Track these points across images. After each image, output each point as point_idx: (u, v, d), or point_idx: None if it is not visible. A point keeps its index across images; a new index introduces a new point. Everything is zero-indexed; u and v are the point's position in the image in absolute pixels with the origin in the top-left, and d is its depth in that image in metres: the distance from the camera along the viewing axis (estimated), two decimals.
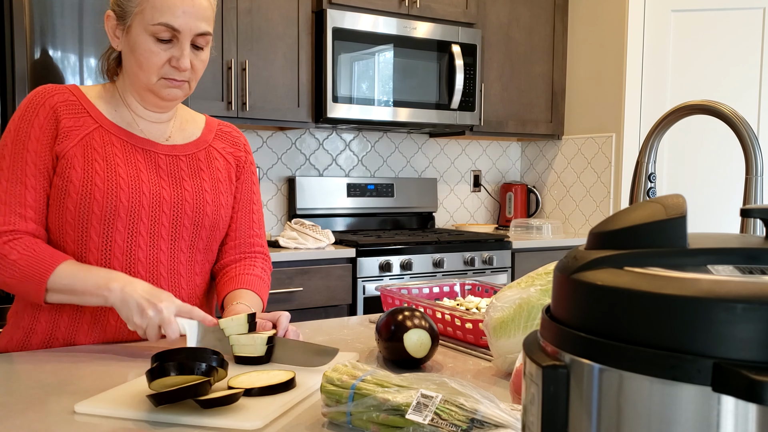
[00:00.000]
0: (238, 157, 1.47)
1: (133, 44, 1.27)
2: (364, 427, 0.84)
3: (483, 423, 0.76)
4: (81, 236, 1.27)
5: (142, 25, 1.25)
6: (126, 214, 1.28)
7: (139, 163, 1.32)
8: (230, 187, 1.44)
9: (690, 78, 3.45)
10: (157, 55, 1.26)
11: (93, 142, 1.29)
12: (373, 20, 3.14)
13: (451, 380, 0.83)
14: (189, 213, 1.34)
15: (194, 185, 1.36)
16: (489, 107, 3.60)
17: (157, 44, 1.26)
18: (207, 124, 1.47)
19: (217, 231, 1.41)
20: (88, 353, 1.23)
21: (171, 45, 1.27)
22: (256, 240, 1.49)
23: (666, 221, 0.45)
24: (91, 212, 1.26)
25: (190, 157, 1.39)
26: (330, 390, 0.87)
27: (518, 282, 1.12)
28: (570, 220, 3.89)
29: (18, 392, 1.01)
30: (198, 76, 1.34)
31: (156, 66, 1.27)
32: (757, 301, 0.38)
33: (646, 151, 1.20)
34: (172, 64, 1.27)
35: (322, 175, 3.53)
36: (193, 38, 1.28)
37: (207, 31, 1.29)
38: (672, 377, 0.39)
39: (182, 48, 1.27)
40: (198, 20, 1.27)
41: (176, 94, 1.32)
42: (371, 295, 2.96)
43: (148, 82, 1.29)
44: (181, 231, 1.34)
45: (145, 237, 1.31)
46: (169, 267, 1.34)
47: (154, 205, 1.31)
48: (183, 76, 1.29)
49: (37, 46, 2.18)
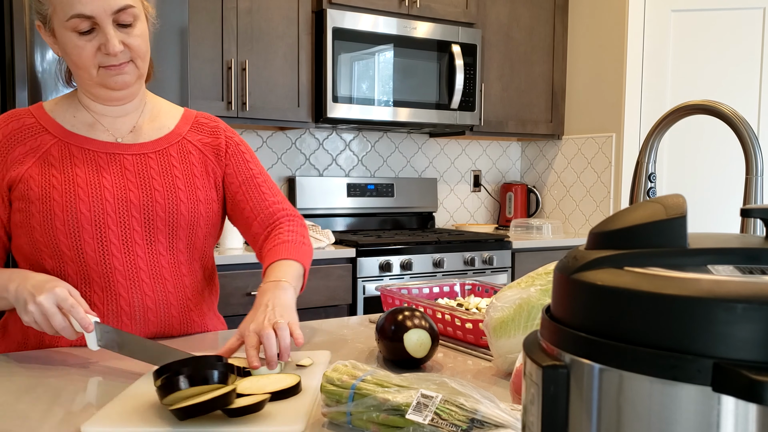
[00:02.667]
0: (217, 146, 1.40)
1: (62, 45, 1.24)
2: (364, 427, 0.84)
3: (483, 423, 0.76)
4: (54, 252, 1.25)
5: (60, 24, 1.21)
6: (90, 224, 1.24)
7: (102, 168, 1.28)
8: (208, 180, 1.37)
9: (690, 78, 3.45)
10: (84, 49, 1.21)
11: (50, 158, 1.26)
12: (373, 20, 3.14)
13: (451, 380, 0.83)
14: (161, 214, 1.29)
15: (165, 183, 1.31)
16: (489, 107, 3.60)
17: (81, 37, 1.21)
18: (183, 116, 1.42)
19: (198, 228, 1.34)
20: (64, 358, 1.23)
21: (95, 33, 1.21)
22: (275, 207, 1.43)
23: (666, 221, 0.45)
24: (55, 228, 1.23)
25: (160, 154, 1.33)
26: (330, 390, 0.86)
27: (518, 282, 1.12)
28: (570, 220, 3.89)
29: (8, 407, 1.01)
30: (141, 54, 1.26)
31: (89, 59, 1.22)
32: (757, 301, 0.38)
33: (646, 151, 1.20)
34: (102, 51, 1.22)
35: (322, 175, 3.53)
36: (115, 17, 1.20)
37: (126, 5, 1.21)
38: (672, 377, 0.39)
39: (105, 32, 1.20)
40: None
41: (124, 80, 1.26)
42: (371, 295, 2.96)
43: (90, 77, 1.24)
44: (156, 234, 1.30)
45: (117, 244, 1.26)
46: (150, 272, 1.29)
47: (120, 210, 1.27)
48: (121, 59, 1.23)
49: (37, 46, 2.18)
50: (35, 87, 2.18)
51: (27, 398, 0.99)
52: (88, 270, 1.26)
